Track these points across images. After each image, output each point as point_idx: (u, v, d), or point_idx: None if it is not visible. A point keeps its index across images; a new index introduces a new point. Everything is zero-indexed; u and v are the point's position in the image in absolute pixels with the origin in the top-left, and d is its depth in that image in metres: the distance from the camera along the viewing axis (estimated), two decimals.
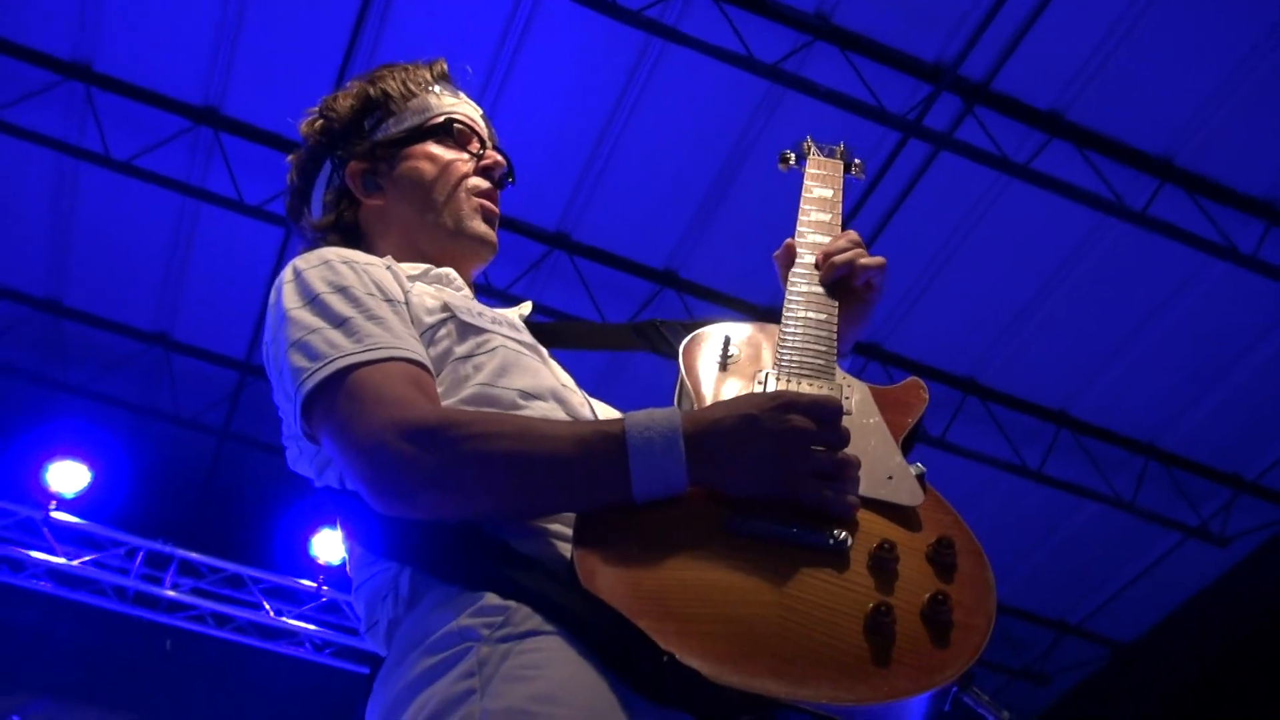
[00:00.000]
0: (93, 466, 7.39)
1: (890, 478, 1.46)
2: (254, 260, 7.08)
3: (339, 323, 1.56)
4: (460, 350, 1.62)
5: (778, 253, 1.88)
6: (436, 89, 1.95)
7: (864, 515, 1.41)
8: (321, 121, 1.93)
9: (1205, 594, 8.33)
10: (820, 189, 2.00)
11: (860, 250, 1.81)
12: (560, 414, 1.62)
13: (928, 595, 1.32)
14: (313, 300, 1.59)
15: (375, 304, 1.60)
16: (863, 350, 7.42)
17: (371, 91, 1.92)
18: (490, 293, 6.70)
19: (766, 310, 7.26)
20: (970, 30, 5.91)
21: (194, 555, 7.31)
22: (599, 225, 7.02)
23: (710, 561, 1.34)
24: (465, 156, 1.91)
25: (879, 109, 6.06)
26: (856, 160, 2.15)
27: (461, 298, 1.74)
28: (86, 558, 7.14)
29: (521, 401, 1.58)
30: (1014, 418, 7.61)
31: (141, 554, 7.22)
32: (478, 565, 1.40)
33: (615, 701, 1.27)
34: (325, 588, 7.49)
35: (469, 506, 1.43)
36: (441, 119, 1.92)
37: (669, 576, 1.33)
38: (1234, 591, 8.15)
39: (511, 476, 1.42)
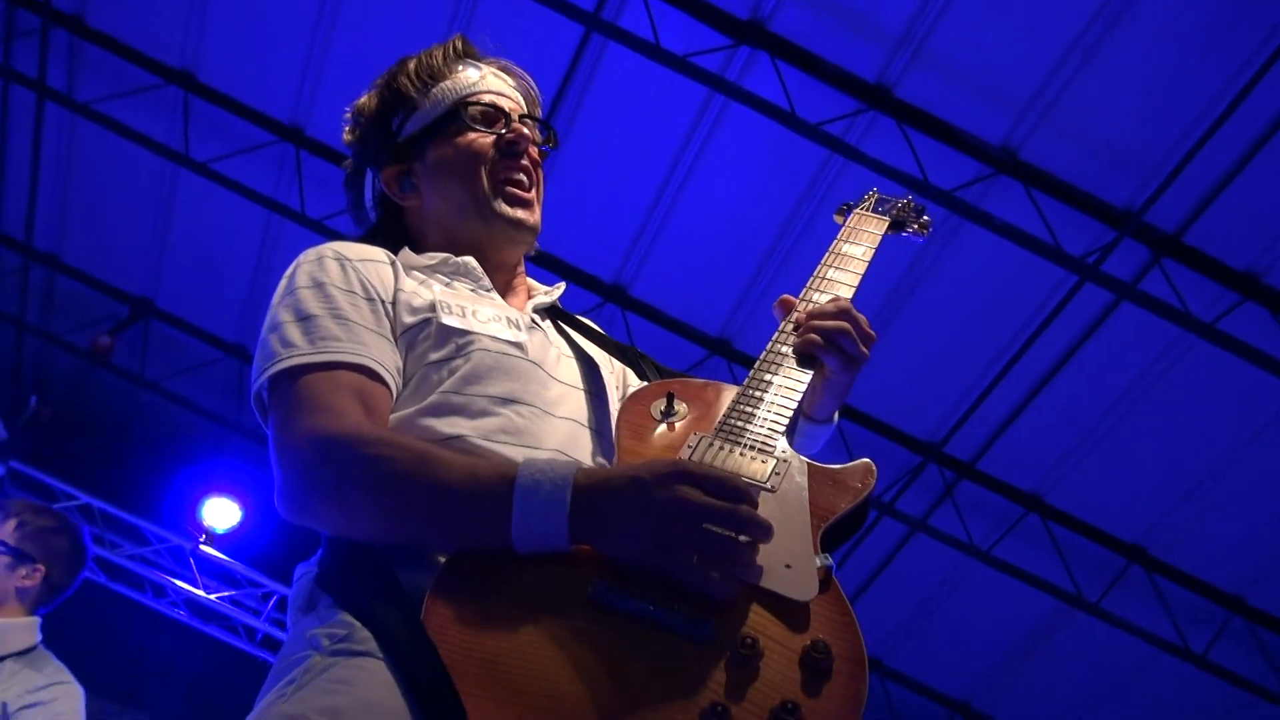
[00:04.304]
0: (245, 507, 7.70)
1: (788, 566, 1.33)
2: None
3: (302, 319, 1.56)
4: (436, 355, 1.59)
5: (775, 305, 1.78)
6: (458, 69, 1.86)
7: (747, 605, 1.29)
8: (355, 129, 1.89)
9: None
10: (850, 245, 1.88)
11: (840, 324, 1.65)
12: (540, 423, 1.58)
13: (777, 702, 1.19)
14: (290, 294, 1.61)
15: (347, 303, 1.58)
16: (1020, 501, 7.06)
17: (387, 92, 1.85)
18: None
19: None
20: (1163, 178, 5.65)
21: None
22: (756, 335, 6.96)
23: (561, 632, 1.25)
24: (488, 136, 1.82)
25: (1056, 248, 5.82)
26: (925, 218, 1.99)
27: (459, 294, 1.70)
28: (224, 593, 7.40)
29: (493, 409, 1.56)
30: (1181, 594, 7.07)
31: (276, 598, 7.43)
32: (349, 583, 1.40)
33: None
34: None
35: (357, 526, 1.42)
36: (451, 106, 1.82)
37: (512, 639, 1.24)
38: None
39: (394, 500, 1.39)
